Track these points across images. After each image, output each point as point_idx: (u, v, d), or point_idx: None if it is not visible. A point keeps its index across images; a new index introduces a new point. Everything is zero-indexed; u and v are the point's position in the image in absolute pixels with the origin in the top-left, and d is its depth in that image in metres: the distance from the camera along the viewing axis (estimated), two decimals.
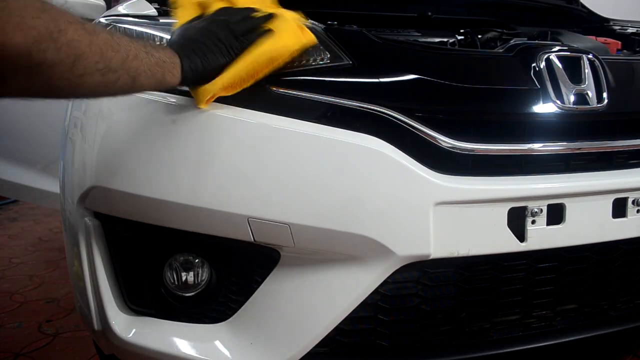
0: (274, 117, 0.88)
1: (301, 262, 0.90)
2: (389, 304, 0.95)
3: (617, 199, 1.00)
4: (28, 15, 0.56)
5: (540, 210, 0.94)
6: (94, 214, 0.97)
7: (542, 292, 1.03)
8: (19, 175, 2.26)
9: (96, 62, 0.65)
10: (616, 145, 1.04)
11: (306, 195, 0.85)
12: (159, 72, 0.76)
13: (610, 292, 1.10)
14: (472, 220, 0.91)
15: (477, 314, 1.01)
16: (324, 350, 0.94)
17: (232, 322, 0.96)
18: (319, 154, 0.86)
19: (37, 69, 0.59)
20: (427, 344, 0.99)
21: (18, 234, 3.08)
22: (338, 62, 0.93)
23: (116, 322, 0.97)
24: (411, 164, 0.88)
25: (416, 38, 1.31)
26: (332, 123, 0.89)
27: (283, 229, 0.86)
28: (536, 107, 0.97)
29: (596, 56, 1.03)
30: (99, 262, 0.98)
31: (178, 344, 0.95)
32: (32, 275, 2.34)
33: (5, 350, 1.65)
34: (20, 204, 3.73)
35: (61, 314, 1.92)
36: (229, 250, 0.94)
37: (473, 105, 0.97)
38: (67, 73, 0.62)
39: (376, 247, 0.87)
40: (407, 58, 1.00)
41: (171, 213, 0.89)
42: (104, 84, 0.68)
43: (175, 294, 0.99)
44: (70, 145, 1.03)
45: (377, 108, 0.90)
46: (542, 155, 0.98)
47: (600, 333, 1.08)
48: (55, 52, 0.59)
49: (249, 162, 0.86)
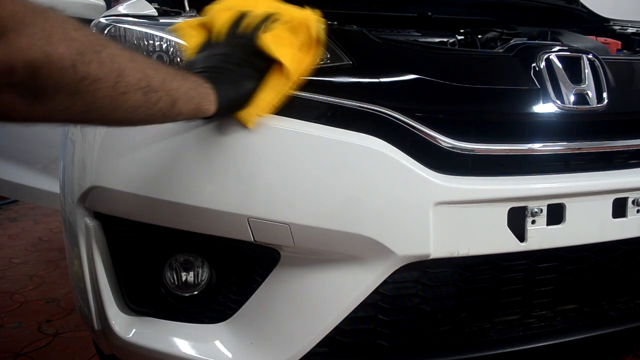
0: (274, 117, 0.88)
1: (301, 262, 0.90)
2: (389, 304, 0.95)
3: (617, 199, 1.00)
4: (70, 27, 0.54)
5: (540, 210, 0.94)
6: (94, 214, 0.97)
7: (542, 292, 1.03)
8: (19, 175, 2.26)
9: (139, 80, 0.62)
10: (616, 145, 1.04)
11: (306, 195, 0.85)
12: (196, 97, 0.73)
13: (610, 292, 1.10)
14: (472, 220, 0.91)
15: (477, 314, 1.01)
16: (324, 350, 0.94)
17: (232, 322, 0.96)
18: (318, 154, 0.86)
19: (80, 84, 0.55)
20: (427, 344, 0.99)
21: (18, 234, 3.08)
22: (338, 62, 0.93)
23: (116, 322, 0.97)
24: (411, 163, 0.88)
25: (416, 38, 1.31)
26: (332, 123, 0.89)
27: (283, 229, 0.86)
28: (536, 107, 0.97)
29: (596, 56, 1.03)
30: (99, 262, 0.98)
31: (178, 344, 0.95)
32: (32, 275, 2.34)
33: (5, 350, 1.65)
34: (20, 204, 3.73)
35: (61, 314, 1.92)
36: (229, 250, 0.94)
37: (473, 105, 0.97)
38: (110, 90, 0.58)
39: (376, 247, 0.87)
40: (407, 58, 1.00)
41: (171, 213, 0.89)
42: (145, 104, 0.64)
43: (176, 294, 0.99)
44: (70, 145, 1.03)
45: (377, 108, 0.90)
46: (542, 155, 0.98)
47: (600, 333, 1.08)
48: (98, 65, 0.56)
49: (249, 162, 0.86)
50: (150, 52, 0.94)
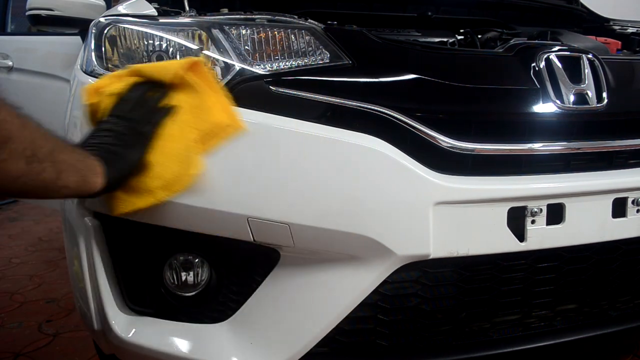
0: (274, 117, 0.88)
1: (301, 262, 0.90)
2: (388, 303, 0.95)
3: (616, 198, 1.00)
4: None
5: (540, 210, 0.94)
6: (93, 214, 0.97)
7: (542, 292, 1.03)
8: None
9: (24, 149, 0.59)
10: (616, 145, 1.04)
11: (306, 195, 0.85)
12: (83, 169, 0.70)
13: (610, 292, 1.10)
14: (472, 220, 0.90)
15: (476, 314, 1.01)
16: (323, 350, 0.94)
17: (232, 321, 0.96)
18: (318, 153, 0.86)
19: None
20: (427, 343, 0.99)
21: (18, 234, 3.08)
22: (338, 62, 0.93)
23: (116, 322, 0.97)
24: (411, 163, 0.88)
25: (416, 38, 1.31)
26: (332, 123, 0.89)
27: (283, 229, 0.86)
28: (536, 107, 0.97)
29: (596, 56, 1.03)
30: (98, 262, 0.98)
31: (178, 344, 0.95)
32: (32, 275, 2.34)
33: (5, 350, 1.65)
34: (20, 204, 3.74)
35: (61, 314, 1.92)
36: (228, 250, 0.94)
37: (473, 105, 0.97)
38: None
39: (376, 247, 0.87)
40: (407, 58, 1.00)
41: (171, 213, 0.89)
42: (27, 174, 0.61)
43: (175, 294, 0.99)
44: None
45: (377, 108, 0.90)
46: (542, 155, 0.98)
47: (600, 333, 1.07)
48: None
49: (249, 162, 0.86)
50: (150, 52, 0.94)
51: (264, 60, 0.92)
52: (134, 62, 0.94)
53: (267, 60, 0.92)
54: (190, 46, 0.94)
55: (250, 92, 0.89)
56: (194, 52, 0.93)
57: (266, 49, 0.93)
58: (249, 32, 0.94)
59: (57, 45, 2.11)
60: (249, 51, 0.93)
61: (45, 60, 2.17)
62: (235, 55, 0.92)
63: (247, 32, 0.94)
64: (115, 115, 0.82)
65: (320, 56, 0.93)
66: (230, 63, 0.92)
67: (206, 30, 0.94)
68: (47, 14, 1.70)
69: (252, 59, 0.92)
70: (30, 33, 2.39)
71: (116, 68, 0.96)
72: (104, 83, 0.87)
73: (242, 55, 0.92)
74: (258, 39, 0.93)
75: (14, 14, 2.57)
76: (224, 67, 0.92)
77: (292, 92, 0.90)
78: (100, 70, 0.97)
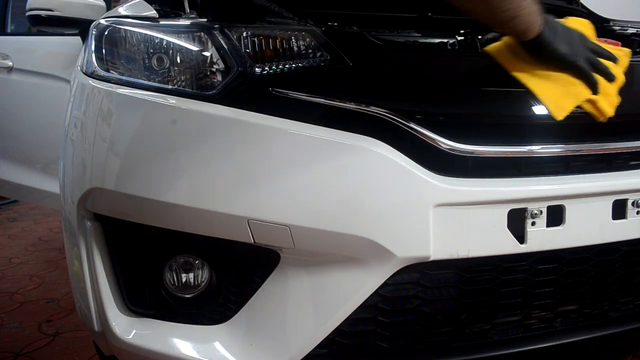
0: (274, 119, 0.88)
1: (301, 264, 0.90)
2: (389, 305, 0.95)
3: (616, 200, 1.00)
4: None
5: (540, 212, 0.94)
6: (94, 215, 0.97)
7: (542, 294, 1.03)
8: (19, 175, 2.26)
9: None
10: (616, 147, 1.04)
11: (306, 197, 0.85)
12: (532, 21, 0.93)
13: (611, 293, 1.10)
14: (472, 222, 0.90)
15: (477, 316, 1.01)
16: (323, 351, 0.94)
17: (232, 323, 0.96)
18: (318, 155, 0.86)
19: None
20: (427, 345, 0.99)
21: (18, 234, 3.08)
22: (338, 63, 0.93)
23: (116, 323, 0.97)
24: (411, 165, 0.88)
25: (416, 39, 1.31)
26: (332, 125, 0.89)
27: (283, 231, 0.86)
28: (536, 109, 0.96)
29: None
30: (99, 263, 0.98)
31: (178, 345, 0.95)
32: (32, 275, 2.34)
33: (5, 350, 1.65)
34: (20, 204, 3.74)
35: (61, 314, 1.92)
36: (228, 252, 0.94)
37: (473, 107, 0.97)
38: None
39: (376, 248, 0.87)
40: (407, 59, 1.00)
41: (171, 214, 0.89)
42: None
43: (175, 295, 0.99)
44: (70, 146, 1.03)
45: (376, 110, 0.90)
46: (542, 157, 0.98)
47: (600, 334, 1.07)
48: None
49: (249, 164, 0.86)
50: (151, 53, 0.94)
51: (264, 62, 0.92)
52: (135, 64, 0.94)
53: (267, 62, 0.92)
54: (191, 48, 0.94)
55: (251, 94, 0.89)
56: (194, 54, 0.93)
57: (266, 51, 0.93)
58: (249, 34, 0.94)
59: (57, 45, 2.12)
60: (249, 53, 0.92)
61: (45, 61, 2.18)
62: (235, 57, 0.91)
63: (247, 34, 0.94)
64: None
65: (321, 58, 0.93)
66: (230, 65, 0.91)
67: (206, 32, 0.94)
68: (47, 15, 1.70)
69: (252, 61, 0.92)
70: (30, 33, 2.39)
71: (117, 70, 0.96)
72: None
73: (243, 57, 0.92)
74: (258, 41, 0.93)
75: (14, 14, 2.57)
76: (224, 69, 0.92)
77: (293, 94, 0.90)
78: (101, 72, 0.98)
